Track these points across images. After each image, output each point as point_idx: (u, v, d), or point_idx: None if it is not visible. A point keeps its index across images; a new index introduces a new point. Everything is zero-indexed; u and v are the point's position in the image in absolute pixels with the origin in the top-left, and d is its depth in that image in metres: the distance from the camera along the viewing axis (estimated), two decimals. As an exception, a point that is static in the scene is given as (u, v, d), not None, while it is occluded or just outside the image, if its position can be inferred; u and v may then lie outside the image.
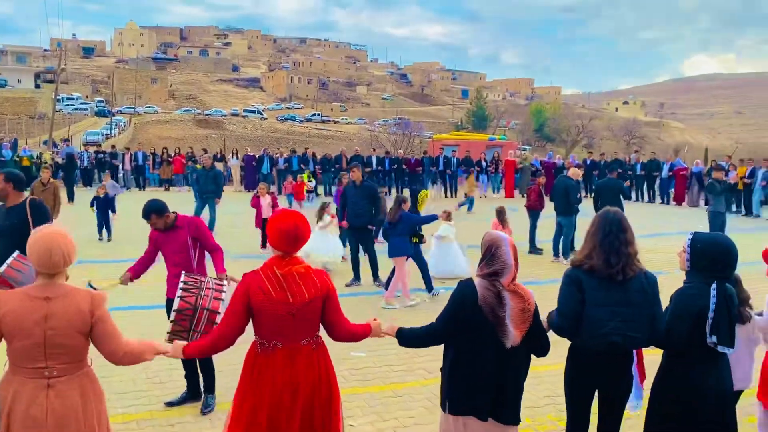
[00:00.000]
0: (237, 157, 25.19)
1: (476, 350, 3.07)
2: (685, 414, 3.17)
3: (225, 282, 4.45)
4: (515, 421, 3.17)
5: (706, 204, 14.22)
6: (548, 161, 24.93)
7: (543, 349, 3.25)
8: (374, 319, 3.42)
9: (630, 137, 76.98)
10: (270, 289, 2.98)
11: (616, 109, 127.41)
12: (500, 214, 10.69)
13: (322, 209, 10.21)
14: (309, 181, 21.76)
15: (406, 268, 8.21)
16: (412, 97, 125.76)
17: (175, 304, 4.02)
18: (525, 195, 15.00)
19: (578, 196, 11.25)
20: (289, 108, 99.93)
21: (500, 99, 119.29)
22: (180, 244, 4.76)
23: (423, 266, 8.53)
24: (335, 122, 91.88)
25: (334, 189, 20.76)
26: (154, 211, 4.73)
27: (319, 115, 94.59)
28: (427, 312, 7.67)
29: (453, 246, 9.73)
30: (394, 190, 22.64)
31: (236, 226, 14.01)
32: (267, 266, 3.06)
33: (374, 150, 25.88)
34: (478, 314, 3.02)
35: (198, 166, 17.56)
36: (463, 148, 26.90)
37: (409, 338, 3.34)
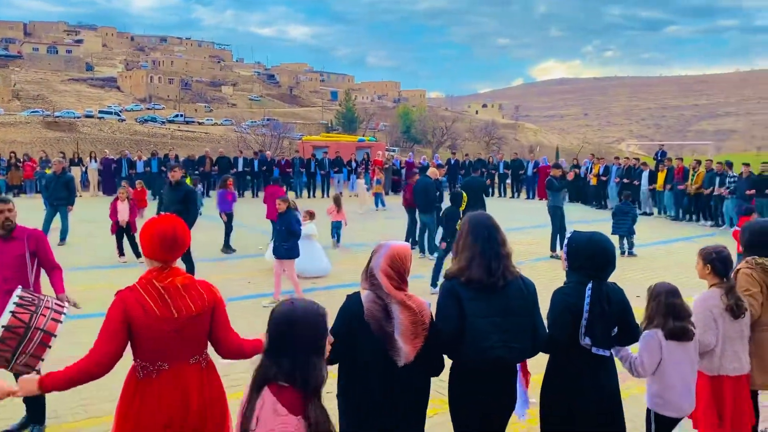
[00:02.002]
0: (95, 161, 23.71)
1: (366, 371, 2.78)
2: (573, 417, 3.08)
3: (66, 304, 3.81)
4: None
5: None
6: (410, 161, 25.85)
7: (436, 369, 2.94)
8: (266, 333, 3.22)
9: (489, 138, 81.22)
10: (151, 305, 2.68)
11: (477, 112, 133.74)
12: (336, 200, 12.76)
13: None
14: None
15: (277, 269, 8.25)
16: (281, 98, 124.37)
17: (4, 319, 3.39)
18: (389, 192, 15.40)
19: (438, 194, 11.78)
20: (149, 109, 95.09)
21: (369, 101, 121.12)
22: (14, 257, 4.31)
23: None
24: (200, 123, 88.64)
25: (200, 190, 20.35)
26: None
27: (182, 116, 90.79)
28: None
29: (316, 245, 9.86)
30: (254, 192, 22.31)
31: (93, 235, 13.20)
32: (144, 280, 2.76)
33: (241, 152, 25.30)
34: (366, 330, 2.75)
35: (47, 171, 16.28)
36: (334, 149, 27.14)
37: None
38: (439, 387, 3.53)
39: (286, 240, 8.03)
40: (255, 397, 2.15)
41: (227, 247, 11.97)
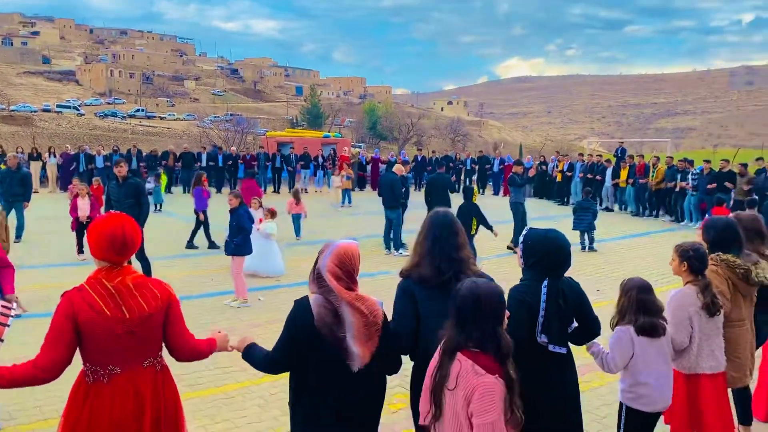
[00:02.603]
0: (55, 156, 23.06)
1: (318, 377, 2.68)
2: (531, 414, 2.96)
3: (14, 305, 3.56)
4: None
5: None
6: (376, 157, 25.88)
7: (393, 368, 2.90)
8: (219, 331, 3.05)
9: (455, 135, 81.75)
10: (101, 305, 2.52)
11: (442, 109, 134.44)
12: (295, 193, 13.18)
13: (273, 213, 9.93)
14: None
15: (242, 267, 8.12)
16: (245, 93, 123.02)
17: None
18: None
19: (403, 191, 11.79)
20: (109, 103, 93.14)
21: (334, 97, 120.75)
22: None
23: None
24: (162, 118, 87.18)
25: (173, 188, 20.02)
26: None
27: (143, 110, 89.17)
28: (259, 311, 7.64)
29: (274, 245, 9.67)
30: (227, 188, 22.05)
31: (51, 232, 12.84)
32: (93, 279, 2.60)
33: (204, 148, 24.90)
34: (316, 337, 2.64)
35: (2, 166, 15.78)
36: (299, 144, 26.95)
37: (255, 360, 2.87)
38: (403, 381, 3.52)
39: (236, 236, 7.92)
40: (448, 361, 2.42)
41: (210, 243, 11.68)
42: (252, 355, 2.89)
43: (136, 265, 7.44)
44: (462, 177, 24.81)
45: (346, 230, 14.06)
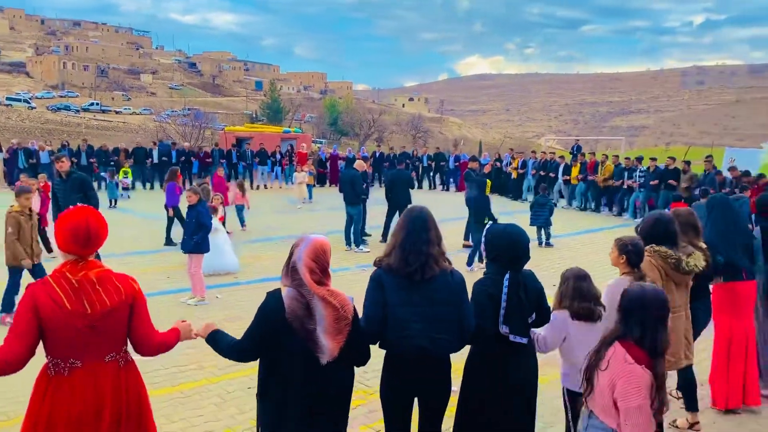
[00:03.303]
0: (1, 151, 22.30)
1: (287, 368, 2.74)
2: (491, 406, 3.19)
3: None
4: None
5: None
6: (334, 153, 25.82)
7: (362, 359, 2.96)
8: (183, 321, 3.08)
9: (416, 131, 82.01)
10: (63, 299, 2.54)
11: (403, 105, 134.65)
12: (240, 186, 13.63)
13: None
14: (125, 178, 20.09)
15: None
16: (203, 87, 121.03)
17: None
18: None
19: (364, 187, 11.81)
20: (62, 96, 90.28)
21: (295, 92, 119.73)
22: None
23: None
24: (117, 112, 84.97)
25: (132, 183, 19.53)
26: None
27: (98, 104, 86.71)
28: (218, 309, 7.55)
29: (221, 239, 9.39)
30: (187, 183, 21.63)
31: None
32: (58, 273, 2.61)
33: (154, 144, 24.22)
34: (287, 328, 2.70)
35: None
36: (258, 140, 26.66)
37: (220, 346, 2.91)
38: (362, 378, 3.54)
39: (196, 233, 7.80)
40: (605, 347, 2.72)
41: (169, 241, 11.49)
42: (218, 341, 2.91)
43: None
44: (419, 173, 24.99)
45: (307, 226, 14.00)
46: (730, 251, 4.68)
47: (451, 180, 24.36)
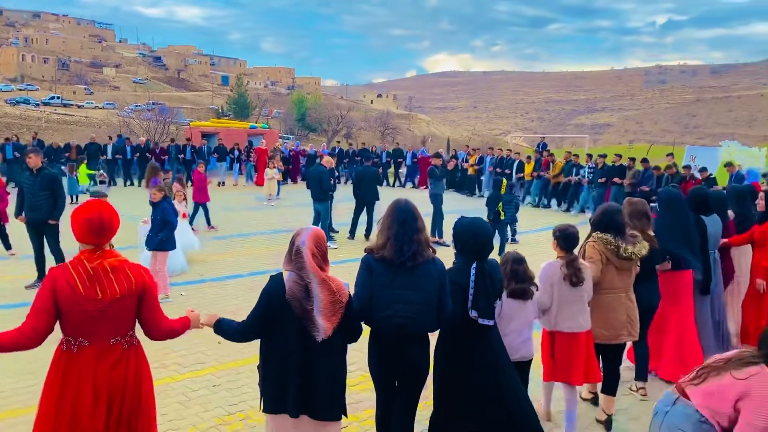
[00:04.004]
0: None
1: (285, 345, 3.07)
2: (461, 383, 3.54)
3: None
4: (333, 416, 3.16)
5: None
6: (296, 149, 25.69)
7: (353, 337, 3.31)
8: (191, 311, 3.34)
9: (384, 128, 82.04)
10: (78, 284, 2.82)
11: (372, 102, 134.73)
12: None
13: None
14: (99, 173, 19.65)
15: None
16: (168, 82, 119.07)
17: None
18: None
19: (332, 183, 11.75)
20: (21, 90, 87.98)
21: (262, 87, 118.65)
22: None
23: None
24: (79, 106, 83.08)
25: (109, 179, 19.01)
26: None
27: (59, 98, 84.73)
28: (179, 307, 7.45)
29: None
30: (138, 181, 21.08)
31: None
32: (76, 259, 2.90)
33: (110, 139, 23.51)
34: (287, 308, 3.02)
35: None
36: (224, 135, 26.30)
37: (227, 332, 3.26)
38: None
39: (161, 230, 7.67)
40: (751, 361, 2.67)
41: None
42: (224, 327, 3.26)
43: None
44: (379, 170, 25.00)
45: (275, 222, 13.92)
46: (674, 243, 5.15)
47: (410, 177, 24.45)
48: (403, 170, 24.70)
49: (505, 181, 11.47)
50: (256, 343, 3.28)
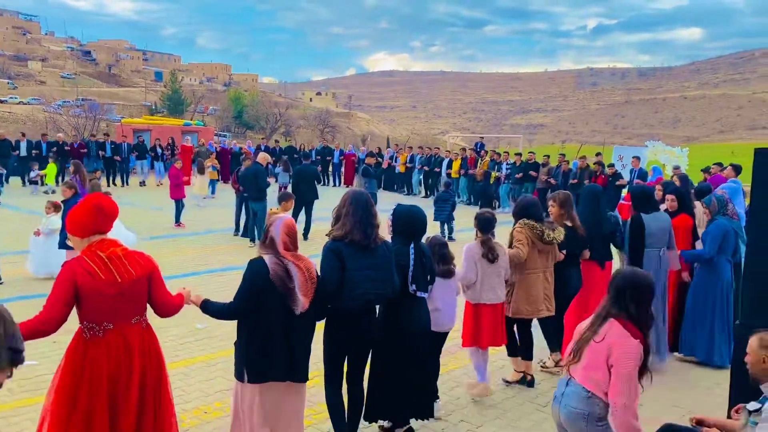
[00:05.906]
0: None
1: (270, 320, 3.47)
2: (396, 348, 4.06)
3: None
4: (305, 378, 3.65)
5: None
6: (223, 146, 25.31)
7: (321, 314, 3.83)
8: (184, 288, 3.66)
9: (324, 126, 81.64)
10: (97, 271, 3.06)
11: (311, 100, 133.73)
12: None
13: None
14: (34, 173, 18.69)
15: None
16: (98, 77, 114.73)
17: None
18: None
19: (267, 181, 11.56)
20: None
21: (197, 83, 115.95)
22: None
23: None
24: (2, 101, 79.07)
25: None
26: None
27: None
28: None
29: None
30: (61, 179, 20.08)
31: None
32: (88, 251, 3.13)
33: (22, 135, 22.32)
34: (271, 287, 3.42)
35: None
36: (157, 133, 25.59)
37: (213, 311, 3.58)
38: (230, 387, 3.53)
39: None
40: (600, 323, 3.15)
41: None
42: (210, 308, 3.59)
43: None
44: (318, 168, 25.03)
45: (210, 221, 13.66)
46: (591, 237, 5.71)
47: (335, 173, 24.66)
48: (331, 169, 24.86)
49: (493, 173, 12.10)
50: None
